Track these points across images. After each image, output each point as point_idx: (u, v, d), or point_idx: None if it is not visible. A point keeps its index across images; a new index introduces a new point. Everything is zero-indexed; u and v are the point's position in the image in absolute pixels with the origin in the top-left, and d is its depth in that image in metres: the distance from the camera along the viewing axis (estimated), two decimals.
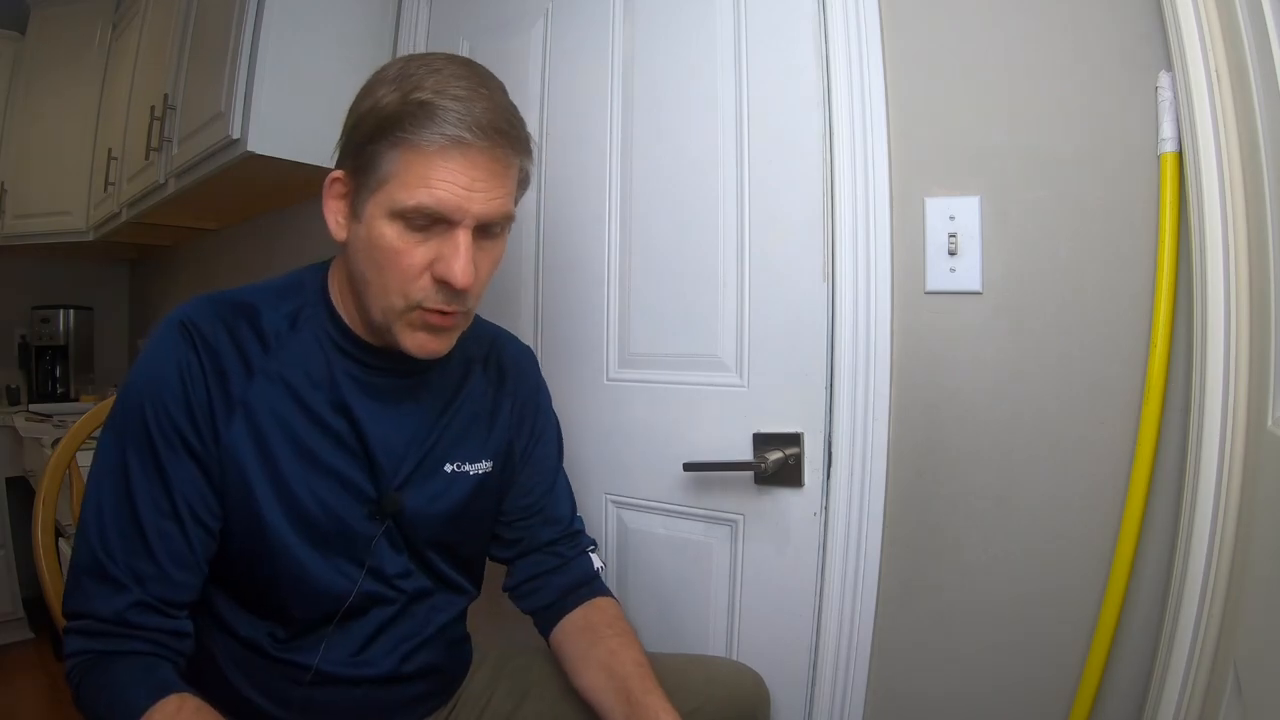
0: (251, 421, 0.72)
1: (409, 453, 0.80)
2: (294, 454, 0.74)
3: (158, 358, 0.71)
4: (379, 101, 0.69)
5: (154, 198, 1.89)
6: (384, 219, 0.69)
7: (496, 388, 0.90)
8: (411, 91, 0.67)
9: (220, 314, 0.74)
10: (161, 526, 0.69)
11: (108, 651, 0.66)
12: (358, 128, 0.71)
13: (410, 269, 0.70)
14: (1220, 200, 0.71)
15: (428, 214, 0.68)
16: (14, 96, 2.58)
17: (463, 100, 0.67)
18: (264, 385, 0.73)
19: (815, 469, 0.98)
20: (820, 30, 0.99)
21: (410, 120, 0.67)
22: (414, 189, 0.67)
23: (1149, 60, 0.78)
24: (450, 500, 0.83)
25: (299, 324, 0.77)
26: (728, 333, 1.06)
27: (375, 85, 0.71)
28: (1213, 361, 0.71)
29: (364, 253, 0.72)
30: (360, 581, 0.77)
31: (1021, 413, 0.86)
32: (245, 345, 0.73)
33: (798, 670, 1.00)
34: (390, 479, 0.78)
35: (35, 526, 0.86)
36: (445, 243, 0.70)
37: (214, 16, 1.56)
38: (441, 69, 0.69)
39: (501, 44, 1.33)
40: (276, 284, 0.80)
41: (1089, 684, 0.80)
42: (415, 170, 0.67)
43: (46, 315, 2.82)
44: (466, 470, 0.84)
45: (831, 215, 0.97)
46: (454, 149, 0.67)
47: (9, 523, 2.53)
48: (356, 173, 0.71)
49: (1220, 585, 0.69)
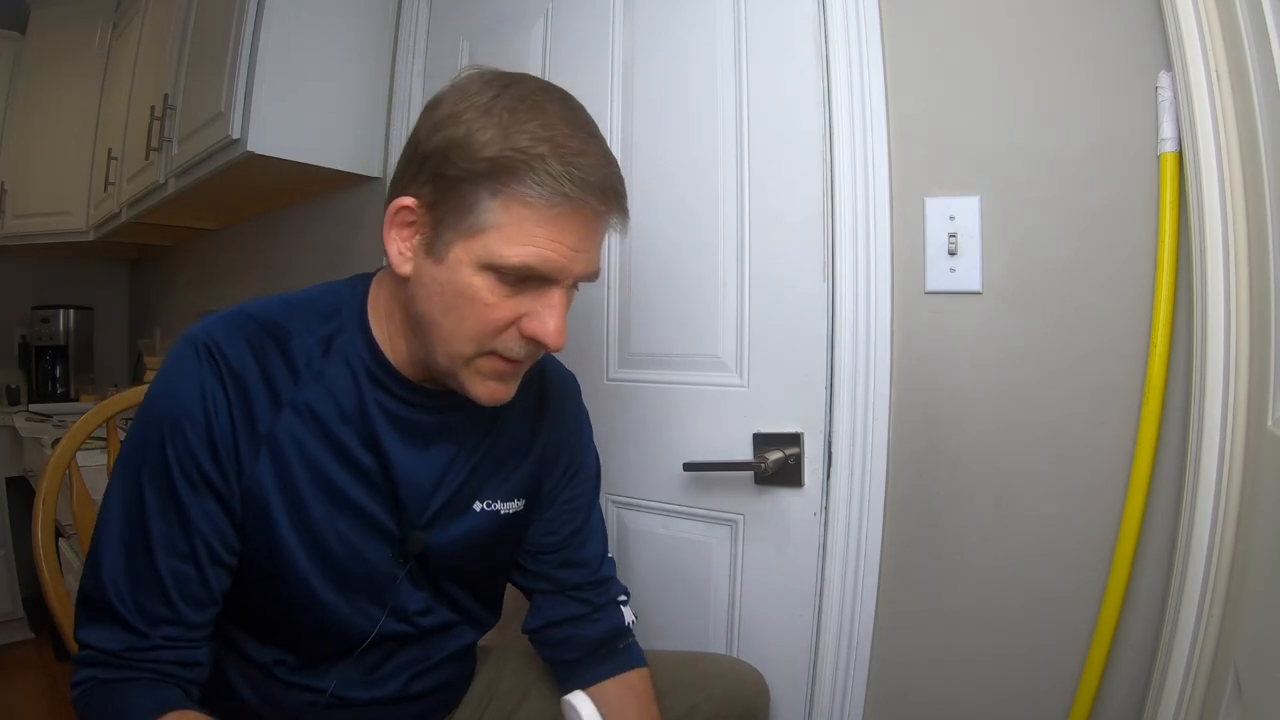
0: (277, 456, 0.68)
1: (437, 492, 0.75)
2: (319, 491, 0.70)
3: (179, 383, 0.66)
4: (474, 135, 0.62)
5: (154, 198, 1.90)
6: (474, 268, 0.64)
7: (534, 420, 0.84)
8: (517, 135, 0.61)
9: (247, 337, 0.68)
10: (176, 568, 0.65)
11: (113, 680, 0.64)
12: (445, 159, 0.63)
13: (497, 323, 0.65)
14: (1220, 200, 0.71)
15: (532, 274, 0.64)
16: (14, 96, 2.59)
17: (581, 156, 0.63)
18: (291, 418, 0.68)
19: (815, 469, 0.98)
20: (820, 30, 0.99)
21: (528, 174, 0.61)
22: (519, 246, 0.62)
23: (1149, 60, 0.78)
24: (477, 538, 0.78)
25: (332, 350, 0.71)
26: (728, 333, 1.06)
27: (463, 111, 0.63)
28: (1213, 361, 0.71)
29: (439, 296, 0.65)
30: (381, 621, 0.74)
31: (1022, 412, 0.86)
32: (273, 374, 0.68)
33: (798, 670, 1.00)
34: (416, 518, 0.74)
35: (35, 526, 0.86)
36: (538, 299, 0.65)
37: (214, 16, 1.56)
38: (545, 107, 0.64)
39: (501, 44, 1.33)
40: (311, 301, 0.74)
41: (1089, 683, 0.80)
42: (524, 228, 0.62)
43: (46, 315, 2.83)
44: (497, 509, 0.80)
45: (831, 215, 0.97)
46: (569, 211, 0.63)
47: (9, 523, 2.53)
48: (437, 207, 0.65)
49: (1220, 585, 0.69)
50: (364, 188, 1.61)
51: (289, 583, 0.70)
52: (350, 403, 0.71)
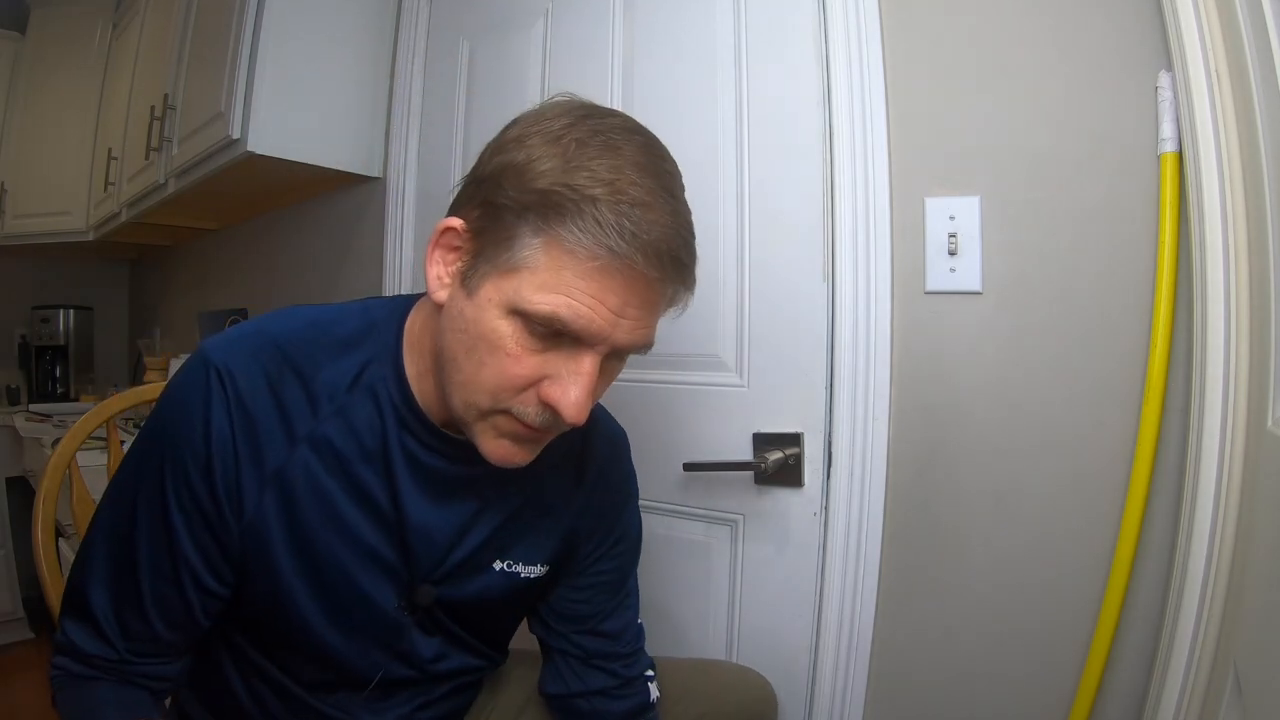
0: (285, 493, 0.63)
1: (455, 549, 0.70)
2: (330, 530, 0.65)
3: (186, 407, 0.61)
4: (533, 163, 0.56)
5: (154, 198, 1.90)
6: (502, 310, 0.57)
7: (574, 482, 0.77)
8: (577, 171, 0.54)
9: (265, 365, 0.63)
10: (159, 591, 0.62)
11: (83, 676, 0.64)
12: (498, 184, 0.57)
13: (515, 379, 0.58)
14: (1220, 200, 0.71)
15: (562, 328, 0.56)
16: (14, 96, 2.59)
17: (640, 209, 0.54)
18: (306, 453, 0.63)
19: (815, 469, 0.98)
20: (820, 30, 0.99)
21: (575, 216, 0.54)
22: (550, 294, 0.55)
23: (1149, 60, 0.78)
24: (491, 596, 0.73)
25: (359, 383, 0.65)
26: (728, 333, 1.06)
27: (531, 135, 0.57)
28: (1213, 361, 0.71)
29: (464, 334, 0.59)
30: (387, 666, 0.71)
31: (1022, 412, 0.86)
32: (290, 407, 0.63)
33: (798, 670, 1.00)
34: (428, 571, 0.69)
35: (35, 526, 0.86)
36: (566, 361, 0.58)
37: (214, 17, 1.56)
38: (621, 147, 0.56)
39: (501, 43, 1.33)
40: (341, 322, 0.67)
41: (1089, 683, 0.80)
42: (561, 275, 0.55)
43: (46, 315, 2.83)
44: (518, 572, 0.74)
45: (831, 215, 0.97)
46: (614, 268, 0.55)
47: (9, 523, 2.53)
48: (481, 235, 0.58)
49: (1220, 585, 0.69)
50: (364, 188, 1.61)
51: (291, 620, 0.66)
52: (373, 440, 0.65)
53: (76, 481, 0.92)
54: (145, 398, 1.02)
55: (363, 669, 0.70)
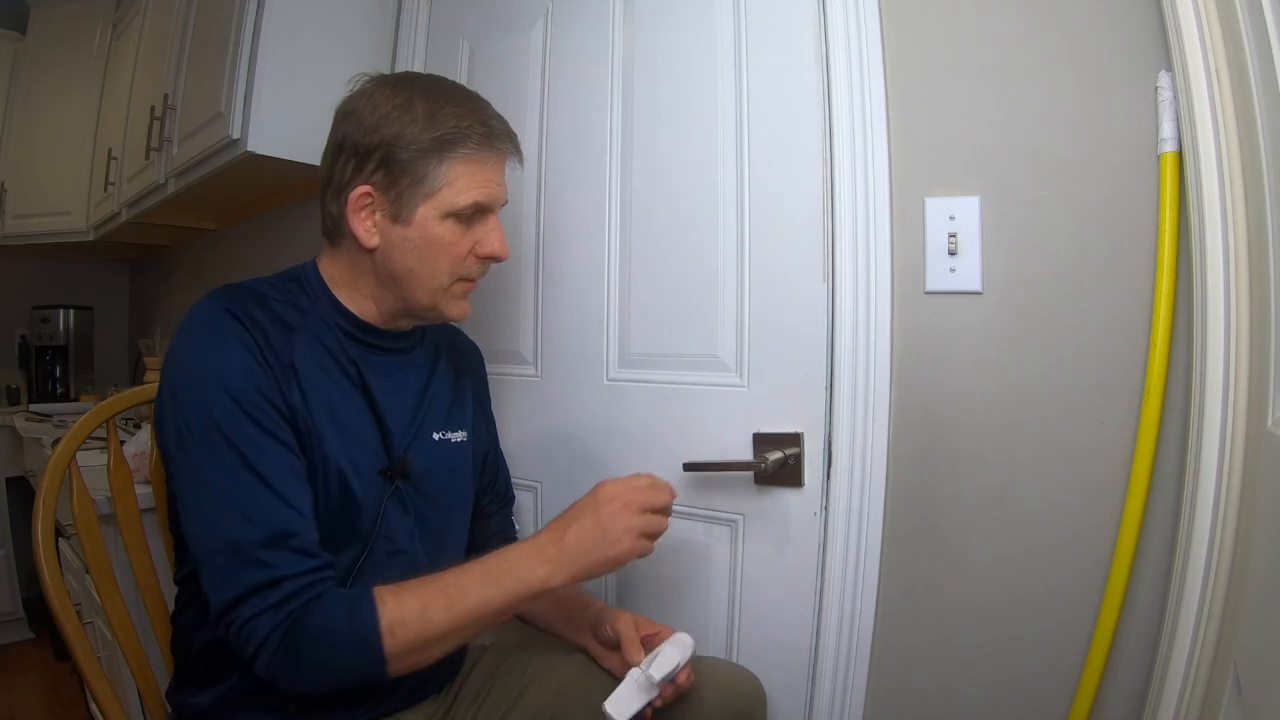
0: (301, 388, 0.79)
1: (409, 420, 0.89)
2: (330, 419, 0.81)
3: (218, 340, 0.76)
4: (407, 127, 0.80)
5: (154, 198, 1.89)
6: (438, 218, 0.82)
7: (458, 370, 1.02)
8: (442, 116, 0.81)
9: (254, 301, 0.81)
10: (286, 482, 0.74)
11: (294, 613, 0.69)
12: (393, 148, 0.80)
13: (461, 254, 0.85)
14: (1220, 200, 0.71)
15: (478, 208, 0.84)
16: (14, 96, 2.59)
17: (492, 118, 0.85)
18: (299, 359, 0.80)
19: (815, 469, 0.98)
20: (820, 30, 0.99)
21: (461, 141, 0.81)
22: (469, 191, 0.82)
23: (1149, 60, 0.78)
24: (440, 464, 0.92)
25: (308, 311, 0.85)
26: (728, 333, 1.06)
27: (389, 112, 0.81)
28: (1213, 361, 0.71)
29: (414, 250, 0.83)
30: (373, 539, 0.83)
31: (1022, 412, 0.86)
32: (277, 324, 0.80)
33: (798, 670, 0.99)
34: (399, 444, 0.87)
35: (35, 526, 0.86)
36: (482, 228, 0.86)
37: (214, 16, 1.56)
38: (450, 93, 0.84)
39: (501, 44, 1.33)
40: (276, 278, 0.88)
41: (1089, 684, 0.80)
42: (470, 177, 0.82)
43: (46, 315, 2.83)
44: (449, 438, 0.94)
45: (831, 215, 0.97)
46: (494, 157, 0.85)
47: (9, 523, 2.53)
48: (392, 185, 0.81)
49: (1220, 585, 0.69)
50: None
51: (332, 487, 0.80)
52: (335, 348, 0.84)
53: (76, 481, 0.92)
54: (145, 397, 1.02)
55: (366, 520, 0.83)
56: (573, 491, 1.19)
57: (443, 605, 0.72)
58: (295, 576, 0.70)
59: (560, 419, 1.22)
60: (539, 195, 1.25)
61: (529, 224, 1.26)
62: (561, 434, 1.22)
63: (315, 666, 0.70)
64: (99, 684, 0.85)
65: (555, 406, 1.23)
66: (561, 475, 1.22)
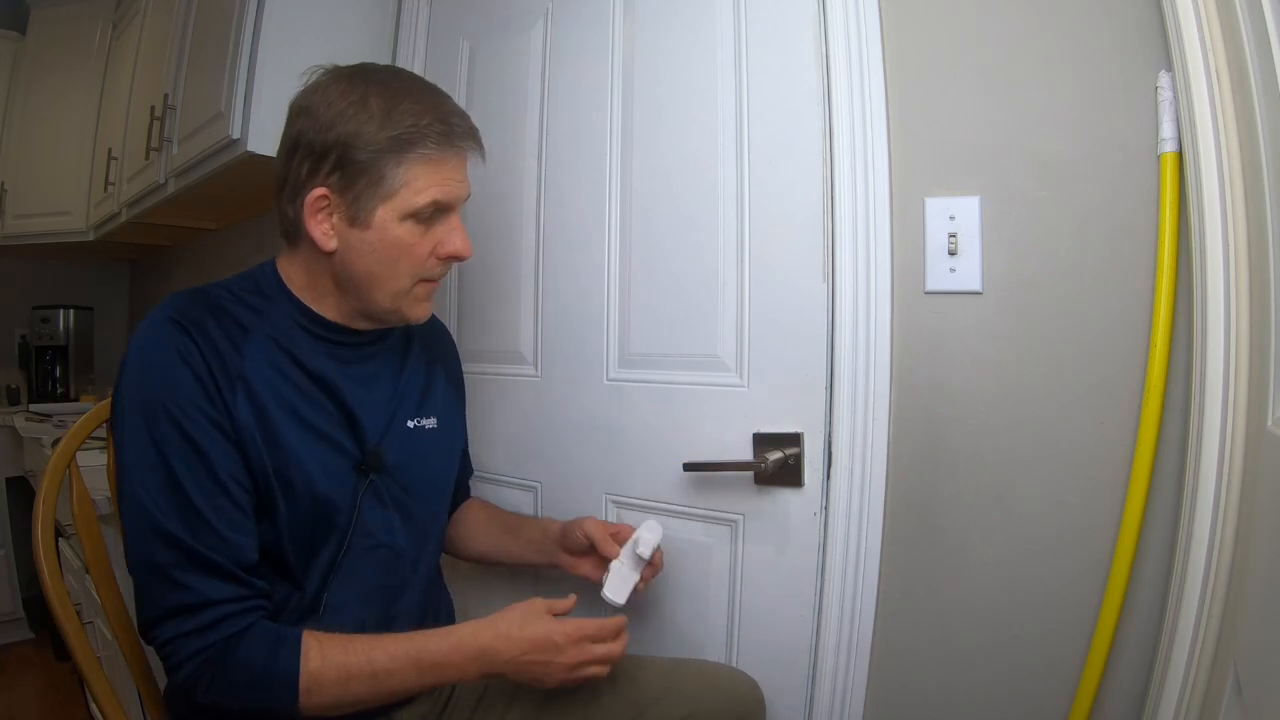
0: (251, 395, 0.78)
1: (381, 412, 0.90)
2: (290, 420, 0.80)
3: (159, 354, 0.75)
4: (363, 126, 0.78)
5: (154, 198, 1.89)
6: (396, 220, 0.80)
7: (430, 355, 1.02)
8: (398, 115, 0.78)
9: (201, 307, 0.80)
10: (218, 506, 0.74)
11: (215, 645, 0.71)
12: (348, 148, 0.78)
13: (422, 255, 0.83)
14: (1220, 200, 0.71)
15: (437, 207, 0.81)
16: (14, 96, 2.59)
17: (453, 115, 0.82)
18: (251, 364, 0.79)
19: (815, 469, 0.98)
20: (820, 30, 0.99)
21: (419, 140, 0.79)
22: (427, 191, 0.80)
23: (1149, 60, 0.78)
24: (416, 452, 0.93)
25: (265, 312, 0.84)
26: (728, 333, 1.06)
27: (344, 109, 0.78)
28: (1213, 361, 0.71)
29: (374, 253, 0.81)
30: (350, 534, 0.84)
31: (1022, 412, 0.86)
32: (229, 332, 0.79)
33: (798, 670, 0.99)
34: (371, 438, 0.87)
35: (35, 526, 0.86)
36: (442, 227, 0.84)
37: (214, 16, 1.56)
38: (409, 87, 0.82)
39: (501, 44, 1.33)
40: (230, 281, 0.87)
41: (1089, 684, 0.80)
42: (429, 177, 0.80)
43: (46, 315, 2.82)
44: (423, 425, 0.95)
45: (831, 215, 0.97)
46: (453, 155, 0.82)
47: (9, 523, 2.53)
48: (349, 188, 0.79)
49: (1220, 585, 0.69)
50: None
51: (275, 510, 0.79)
52: (295, 348, 0.83)
53: (76, 481, 0.92)
54: None
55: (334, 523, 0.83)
56: (573, 491, 1.20)
57: (367, 684, 0.72)
58: (218, 604, 0.71)
59: (560, 419, 1.22)
60: (539, 195, 1.25)
61: (529, 224, 1.26)
62: (561, 434, 1.22)
63: (228, 697, 0.71)
64: (99, 684, 0.85)
65: (555, 406, 1.23)
66: (561, 475, 1.22)
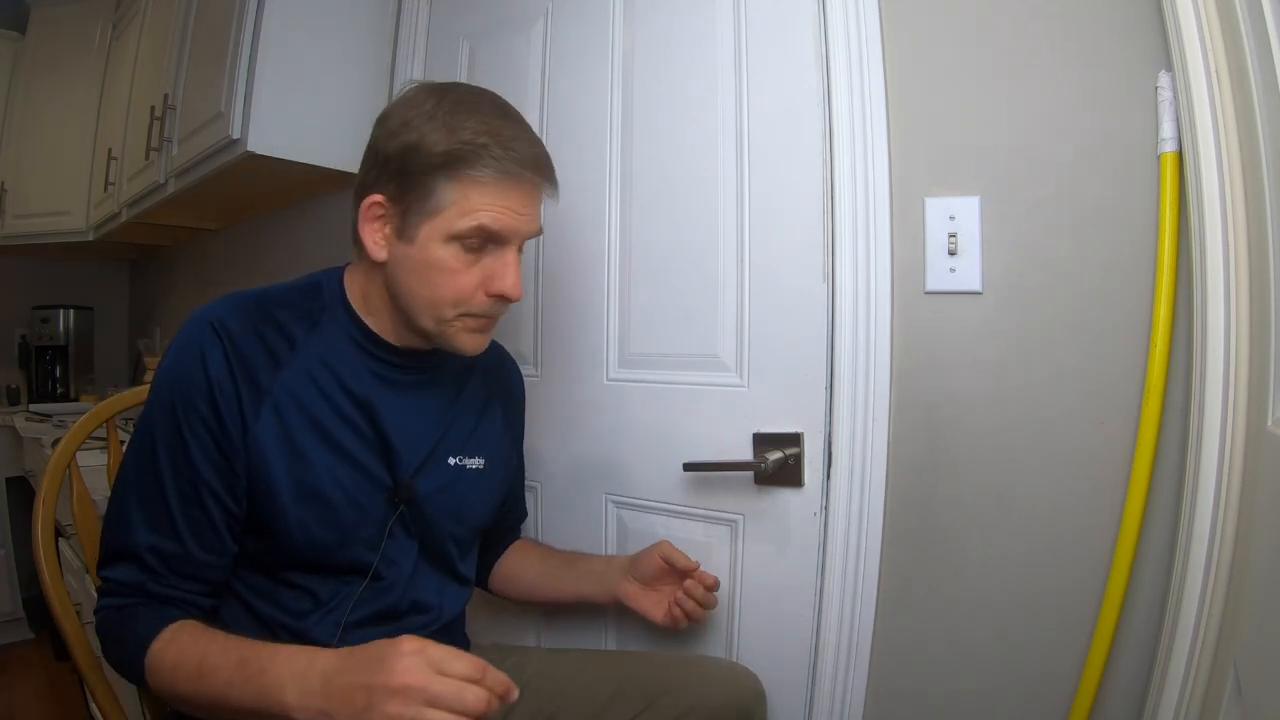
0: (278, 410, 0.77)
1: (422, 443, 0.86)
2: (319, 441, 0.79)
3: (186, 355, 0.76)
4: (425, 138, 0.75)
5: (154, 198, 1.89)
6: (441, 241, 0.76)
7: (490, 391, 0.98)
8: (461, 131, 0.74)
9: (248, 314, 0.79)
10: (188, 513, 0.74)
11: (124, 606, 0.74)
12: (405, 159, 0.76)
13: (466, 287, 0.78)
14: (1220, 200, 0.71)
15: (485, 235, 0.76)
16: (14, 96, 2.59)
17: (515, 141, 0.77)
18: (290, 378, 0.78)
19: (815, 469, 0.98)
20: (820, 30, 0.98)
21: (476, 160, 0.75)
22: (474, 214, 0.75)
23: (1149, 60, 0.78)
24: (453, 492, 0.88)
25: (321, 324, 0.82)
26: (728, 333, 1.06)
27: (412, 119, 0.76)
28: (1213, 361, 0.71)
29: (416, 272, 0.78)
30: (376, 563, 0.82)
31: (1021, 412, 0.86)
32: (273, 343, 0.78)
33: (798, 670, 0.99)
34: (406, 468, 0.84)
35: (35, 526, 0.86)
36: (495, 262, 0.78)
37: (214, 16, 1.56)
38: (479, 107, 0.77)
39: (501, 44, 1.33)
40: (295, 286, 0.85)
41: (1089, 684, 0.80)
42: (476, 200, 0.75)
43: (46, 315, 2.83)
44: (465, 465, 0.90)
45: (831, 215, 0.97)
46: (512, 184, 0.77)
47: (9, 523, 2.54)
48: (402, 199, 0.77)
49: (1220, 585, 0.69)
50: None
51: (289, 533, 0.77)
52: (342, 366, 0.81)
53: (76, 481, 0.92)
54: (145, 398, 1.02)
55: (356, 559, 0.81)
56: (573, 492, 1.20)
57: (193, 675, 0.68)
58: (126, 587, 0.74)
59: (560, 419, 1.22)
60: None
61: None
62: (561, 434, 1.22)
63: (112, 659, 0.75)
64: (99, 684, 0.85)
65: (555, 406, 1.23)
66: (561, 476, 1.22)
